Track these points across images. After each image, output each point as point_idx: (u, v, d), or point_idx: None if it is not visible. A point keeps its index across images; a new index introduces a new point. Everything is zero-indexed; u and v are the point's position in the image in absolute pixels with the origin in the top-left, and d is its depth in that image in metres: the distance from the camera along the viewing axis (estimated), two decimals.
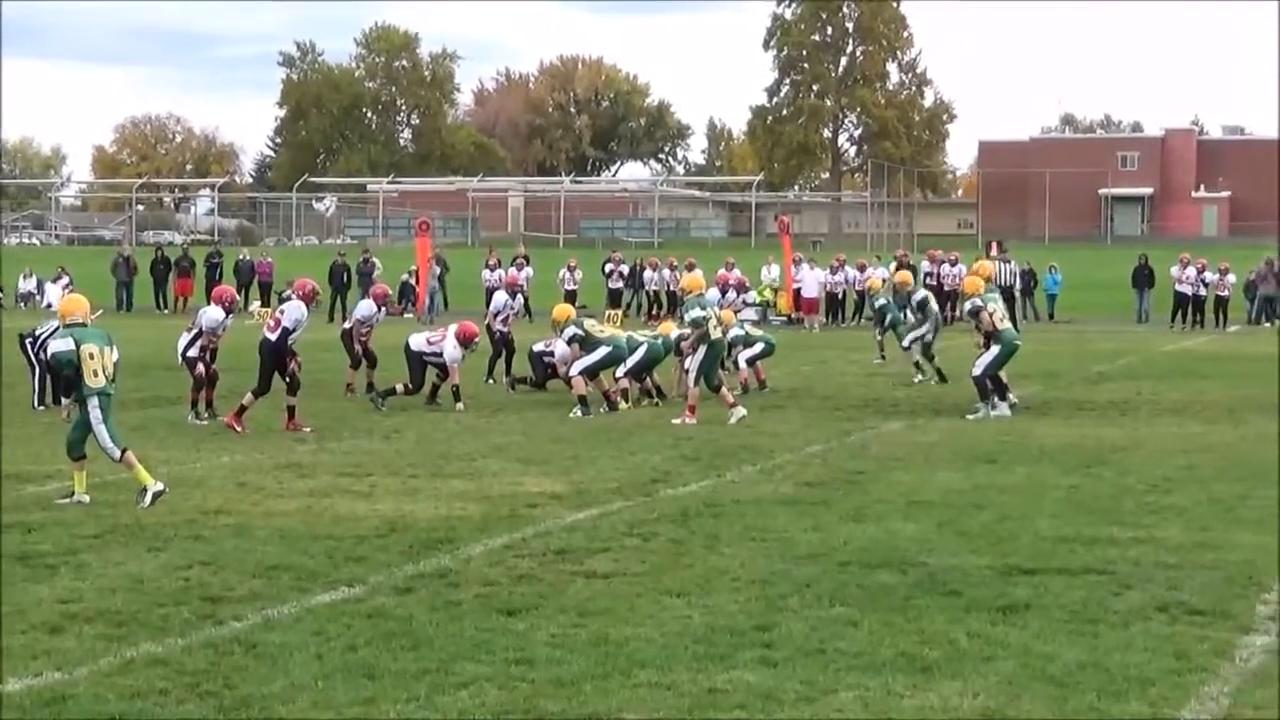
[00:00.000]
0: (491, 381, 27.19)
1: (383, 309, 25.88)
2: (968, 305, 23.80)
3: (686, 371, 22.81)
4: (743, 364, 26.38)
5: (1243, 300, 52.23)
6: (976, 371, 22.86)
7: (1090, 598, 10.85)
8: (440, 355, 23.72)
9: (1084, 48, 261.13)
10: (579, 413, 22.52)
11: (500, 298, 28.33)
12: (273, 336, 20.95)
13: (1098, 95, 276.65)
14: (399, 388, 23.84)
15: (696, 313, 22.41)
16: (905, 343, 28.74)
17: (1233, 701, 8.41)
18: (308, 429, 20.67)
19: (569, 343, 23.90)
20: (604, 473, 17.12)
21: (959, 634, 9.81)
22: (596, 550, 12.66)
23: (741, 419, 21.71)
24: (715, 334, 22.45)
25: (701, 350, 22.24)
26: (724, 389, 22.71)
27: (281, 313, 21.53)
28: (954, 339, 32.41)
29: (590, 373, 23.41)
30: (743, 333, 26.93)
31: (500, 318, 27.69)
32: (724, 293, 35.78)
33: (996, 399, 22.77)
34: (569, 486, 16.10)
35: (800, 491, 15.85)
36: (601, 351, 23.53)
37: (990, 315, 22.97)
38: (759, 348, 26.74)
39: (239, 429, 20.44)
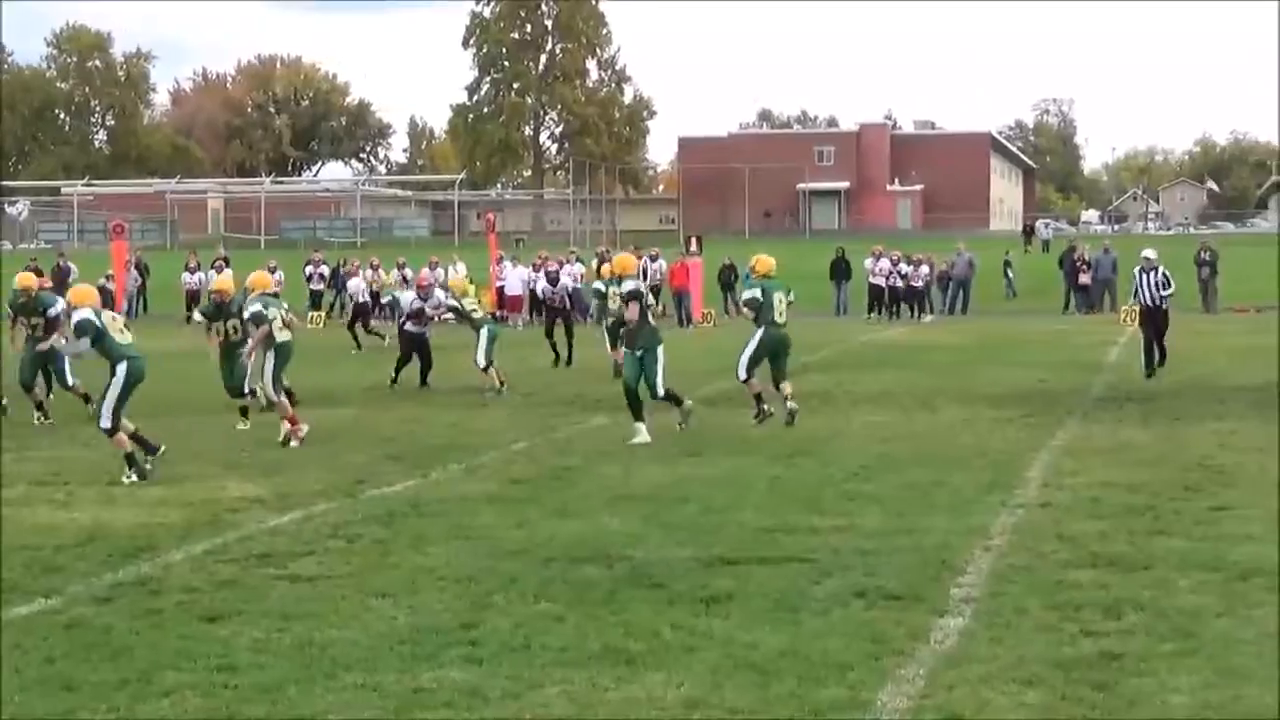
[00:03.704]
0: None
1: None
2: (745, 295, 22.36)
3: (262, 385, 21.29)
4: None
5: (937, 291, 53.52)
6: (741, 375, 21.36)
7: (791, 586, 11.00)
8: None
9: (780, 45, 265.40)
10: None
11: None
12: None
13: (794, 91, 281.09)
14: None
15: (256, 308, 20.92)
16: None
17: (927, 683, 8.59)
18: None
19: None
20: (307, 475, 16.96)
21: (663, 626, 9.88)
22: (300, 553, 12.54)
23: (289, 439, 19.90)
24: (282, 336, 20.99)
25: (271, 356, 20.88)
26: (285, 401, 20.83)
27: None
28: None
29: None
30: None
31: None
32: (425, 296, 35.13)
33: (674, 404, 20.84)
34: (271, 490, 15.92)
35: (506, 489, 15.86)
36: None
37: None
38: None
39: None
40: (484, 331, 26.39)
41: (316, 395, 25.49)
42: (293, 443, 19.65)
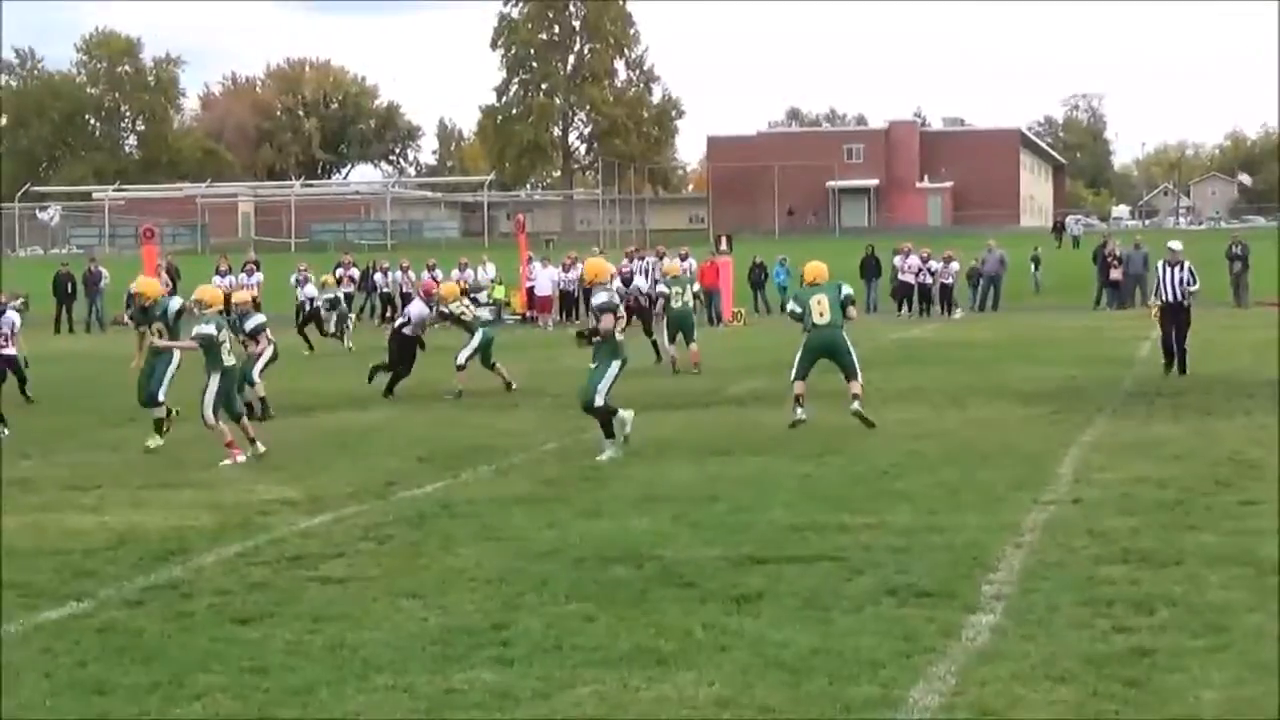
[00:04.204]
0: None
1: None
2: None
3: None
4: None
5: (967, 288, 53.36)
6: (790, 376, 20.81)
7: (822, 584, 10.98)
8: None
9: (808, 43, 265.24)
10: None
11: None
12: None
13: (822, 89, 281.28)
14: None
15: (203, 328, 19.29)
16: None
17: (959, 680, 8.57)
18: None
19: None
20: (338, 477, 16.98)
21: (694, 625, 9.87)
22: (331, 555, 12.56)
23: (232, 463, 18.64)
24: (230, 360, 19.47)
25: (215, 379, 19.16)
26: (245, 420, 19.74)
27: None
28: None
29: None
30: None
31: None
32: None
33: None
34: (302, 492, 15.95)
35: (536, 489, 15.86)
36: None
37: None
38: None
39: None
40: (478, 335, 26.39)
41: (345, 398, 25.59)
42: (225, 461, 18.56)
